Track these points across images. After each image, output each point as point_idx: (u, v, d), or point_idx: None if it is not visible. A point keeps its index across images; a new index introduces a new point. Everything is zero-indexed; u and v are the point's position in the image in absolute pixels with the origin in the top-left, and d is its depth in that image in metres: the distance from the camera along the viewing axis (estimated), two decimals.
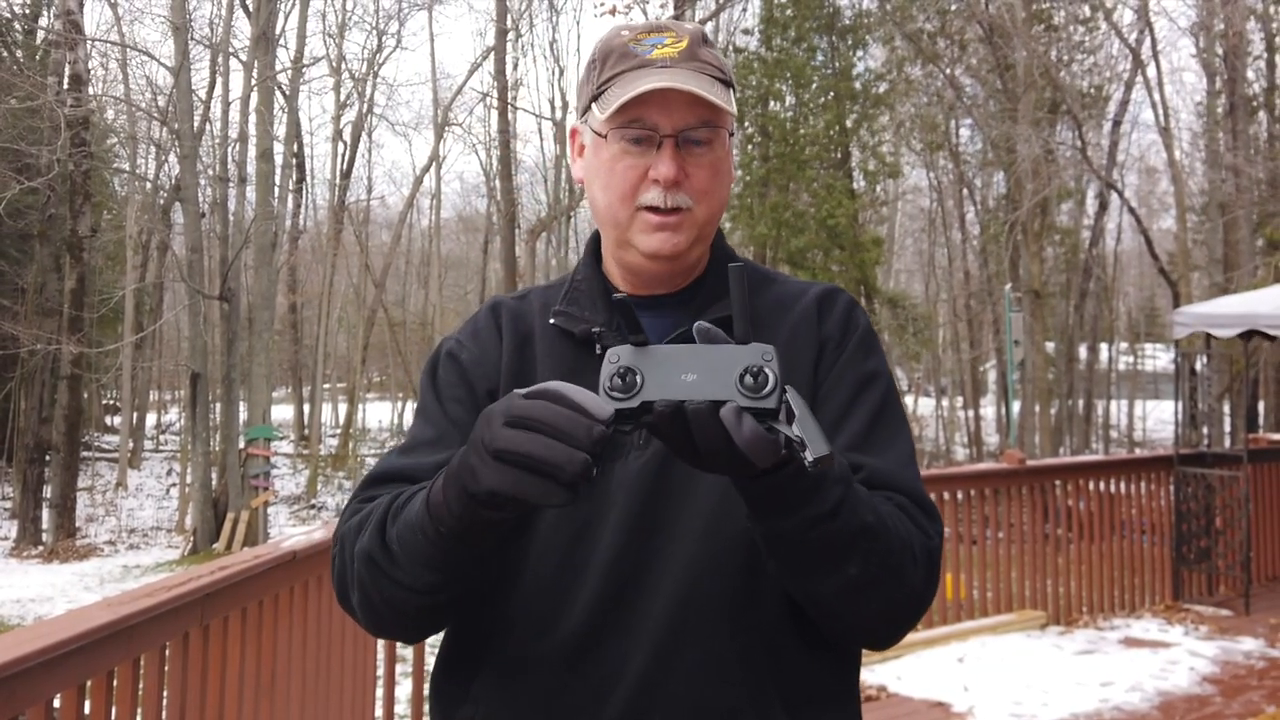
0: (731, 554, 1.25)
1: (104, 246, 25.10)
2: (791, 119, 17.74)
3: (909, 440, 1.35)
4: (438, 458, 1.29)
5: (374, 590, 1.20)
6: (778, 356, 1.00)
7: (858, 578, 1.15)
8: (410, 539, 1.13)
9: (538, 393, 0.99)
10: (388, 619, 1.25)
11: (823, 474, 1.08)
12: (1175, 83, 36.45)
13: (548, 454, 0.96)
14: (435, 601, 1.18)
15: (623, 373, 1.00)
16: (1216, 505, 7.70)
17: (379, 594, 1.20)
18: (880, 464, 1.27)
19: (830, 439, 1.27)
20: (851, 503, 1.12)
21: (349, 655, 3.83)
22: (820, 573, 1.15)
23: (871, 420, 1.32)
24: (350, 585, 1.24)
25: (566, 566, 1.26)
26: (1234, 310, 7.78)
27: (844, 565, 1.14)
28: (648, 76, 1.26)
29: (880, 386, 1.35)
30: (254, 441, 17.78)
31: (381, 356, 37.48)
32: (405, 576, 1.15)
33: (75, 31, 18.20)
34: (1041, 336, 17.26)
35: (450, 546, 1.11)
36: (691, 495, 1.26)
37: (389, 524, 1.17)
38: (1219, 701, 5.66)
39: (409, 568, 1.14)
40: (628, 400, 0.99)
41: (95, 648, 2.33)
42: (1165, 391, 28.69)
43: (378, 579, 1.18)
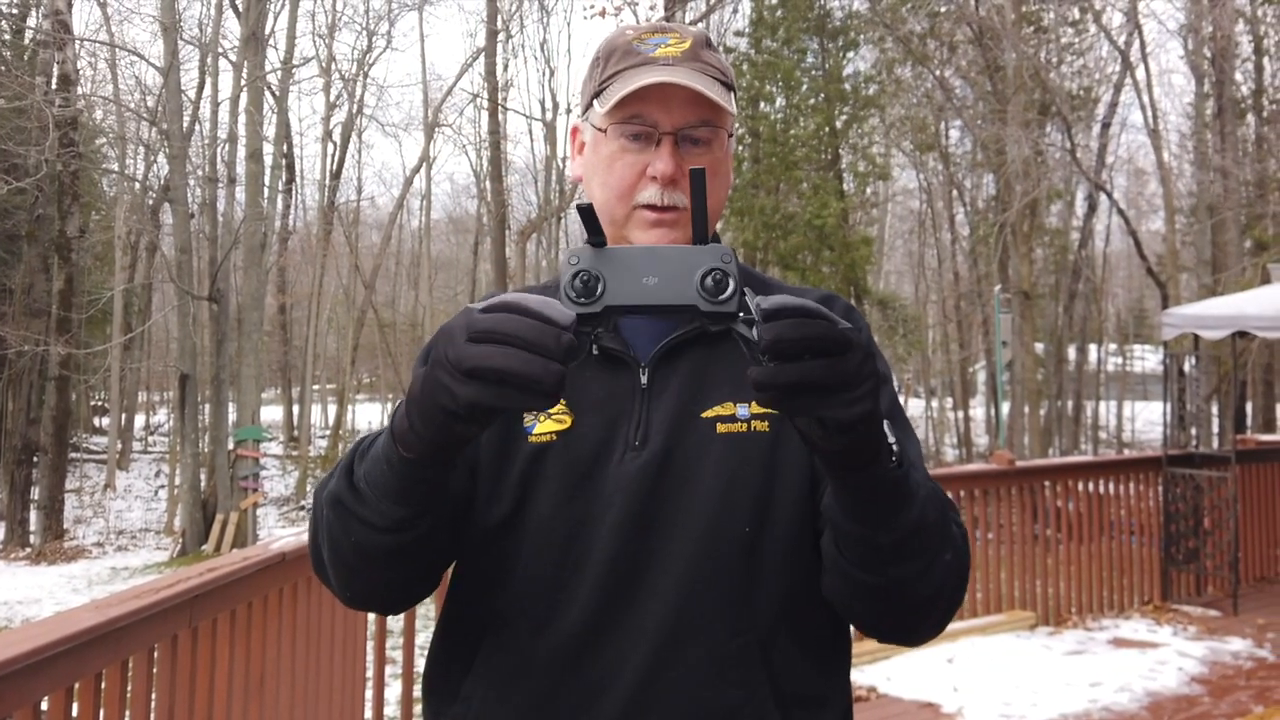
0: (729, 555, 1.24)
1: (92, 247, 25.03)
2: (782, 121, 17.76)
3: (918, 442, 1.35)
4: None
5: (341, 534, 1.17)
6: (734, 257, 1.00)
7: (953, 562, 1.18)
8: (375, 473, 1.11)
9: (498, 305, 0.96)
10: (357, 568, 1.21)
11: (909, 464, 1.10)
12: (1164, 85, 36.59)
13: (524, 368, 0.93)
14: (399, 541, 1.15)
15: (584, 276, 0.98)
16: (1205, 506, 7.72)
17: (346, 538, 1.17)
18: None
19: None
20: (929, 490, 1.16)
21: (338, 657, 3.82)
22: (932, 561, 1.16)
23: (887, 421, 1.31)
24: (322, 539, 1.22)
25: (563, 565, 1.26)
26: (1222, 312, 7.81)
27: (944, 550, 1.17)
28: (649, 73, 1.27)
29: (888, 390, 1.36)
30: (243, 443, 17.75)
31: (371, 357, 37.41)
32: (372, 514, 1.12)
33: (64, 31, 18.14)
34: (1031, 337, 17.30)
35: (414, 473, 1.08)
36: (689, 496, 1.26)
37: (356, 464, 1.15)
38: (1207, 702, 5.68)
39: (375, 504, 1.12)
40: (590, 305, 0.98)
41: (83, 650, 2.31)
42: (1154, 392, 28.82)
43: (346, 521, 1.15)
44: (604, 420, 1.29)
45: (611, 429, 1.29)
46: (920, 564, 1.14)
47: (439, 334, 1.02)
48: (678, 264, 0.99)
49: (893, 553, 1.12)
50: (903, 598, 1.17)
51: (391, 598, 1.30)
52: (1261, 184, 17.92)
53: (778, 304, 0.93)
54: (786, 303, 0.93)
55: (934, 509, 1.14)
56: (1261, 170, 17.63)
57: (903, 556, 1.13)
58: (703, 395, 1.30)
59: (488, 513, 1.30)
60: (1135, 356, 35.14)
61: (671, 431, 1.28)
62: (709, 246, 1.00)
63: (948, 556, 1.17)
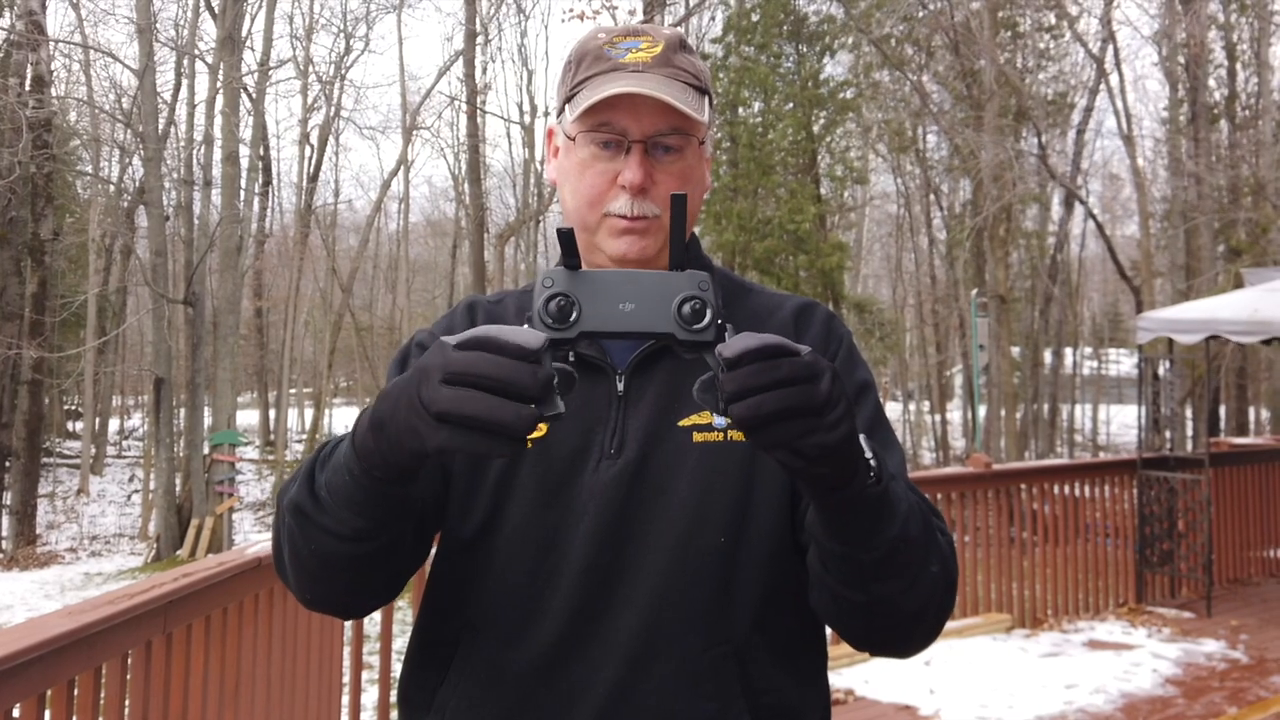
0: (704, 566, 1.24)
1: (66, 250, 24.82)
2: (759, 125, 17.80)
3: (901, 450, 1.35)
4: None
5: (302, 541, 1.16)
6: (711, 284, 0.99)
7: (938, 574, 1.17)
8: (337, 482, 1.09)
9: (471, 342, 0.94)
10: (317, 575, 1.20)
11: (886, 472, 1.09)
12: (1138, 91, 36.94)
13: (493, 414, 0.91)
14: (361, 551, 1.14)
15: (559, 300, 0.97)
16: (1179, 509, 7.78)
17: (306, 545, 1.15)
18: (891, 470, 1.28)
19: None
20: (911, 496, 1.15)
21: (314, 663, 3.80)
22: (918, 576, 1.15)
23: (869, 431, 1.31)
24: (283, 543, 1.21)
25: (536, 575, 1.25)
26: (1196, 316, 7.87)
27: (929, 562, 1.16)
28: (617, 80, 1.25)
29: (872, 397, 1.36)
30: (219, 447, 17.64)
31: (348, 361, 37.25)
32: (332, 522, 1.11)
33: (37, 32, 17.99)
34: (1007, 341, 17.40)
35: (376, 488, 1.07)
36: (664, 506, 1.25)
37: (318, 472, 1.13)
38: (1181, 703, 5.72)
39: (335, 512, 1.10)
40: (564, 331, 0.97)
41: (55, 657, 2.29)
42: (1129, 396, 29.01)
43: (306, 528, 1.14)
44: (579, 428, 1.28)
45: (587, 437, 1.28)
46: (905, 580, 1.14)
47: (415, 369, 0.99)
48: (655, 290, 0.98)
49: (876, 570, 1.11)
50: (890, 613, 1.17)
51: (352, 603, 1.29)
52: (1234, 189, 18.09)
53: (739, 350, 0.93)
54: (747, 346, 0.93)
55: (917, 523, 1.13)
56: (1234, 176, 17.78)
57: (886, 573, 1.12)
58: (679, 404, 1.29)
59: (461, 520, 1.30)
60: (1110, 360, 35.37)
61: (647, 440, 1.27)
62: (687, 273, 0.99)
63: (934, 569, 1.16)
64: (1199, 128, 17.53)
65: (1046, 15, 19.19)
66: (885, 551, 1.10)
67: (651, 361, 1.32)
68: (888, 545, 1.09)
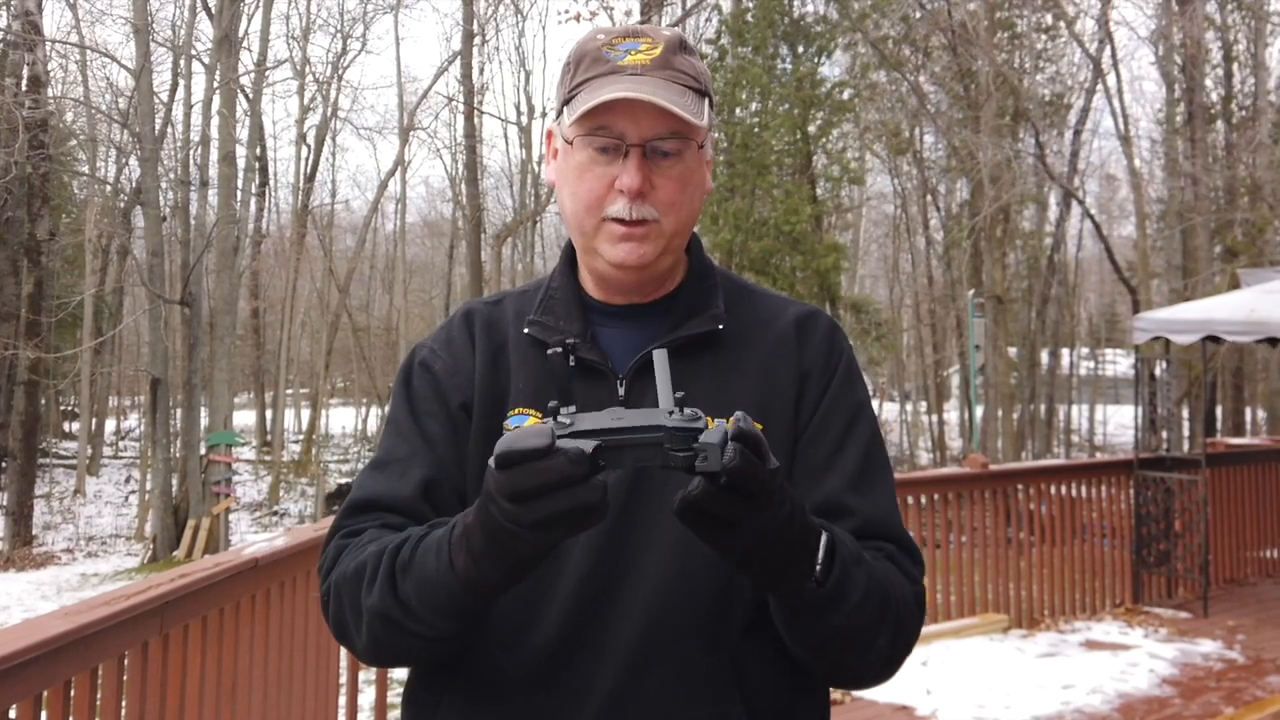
0: (701, 571, 1.24)
1: (63, 250, 24.80)
2: (755, 126, 17.79)
3: (891, 470, 1.38)
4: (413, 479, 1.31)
5: (390, 642, 1.22)
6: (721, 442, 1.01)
7: (884, 646, 1.21)
8: (433, 597, 1.14)
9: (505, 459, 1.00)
10: (402, 660, 1.29)
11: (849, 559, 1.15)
12: (1135, 91, 36.92)
13: (573, 503, 0.98)
14: (456, 642, 1.22)
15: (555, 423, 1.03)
16: (1175, 509, 7.79)
17: (395, 645, 1.22)
18: (872, 510, 1.30)
19: (824, 474, 1.30)
20: (873, 579, 1.18)
21: (311, 664, 3.80)
22: (860, 652, 1.21)
23: (865, 456, 1.33)
24: (354, 636, 1.25)
25: (537, 581, 1.25)
26: (1193, 316, 7.87)
27: (877, 640, 1.20)
28: (615, 84, 1.24)
29: (869, 417, 1.37)
30: (215, 448, 17.62)
31: (345, 362, 37.24)
32: (427, 630, 1.17)
33: (34, 33, 17.98)
34: (1004, 342, 17.41)
35: (482, 603, 1.15)
36: (662, 512, 1.24)
37: (399, 579, 1.17)
38: (1178, 703, 5.72)
39: (431, 620, 1.16)
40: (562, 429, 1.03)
41: (52, 658, 2.29)
42: (1125, 396, 29.06)
43: (394, 634, 1.19)
44: None
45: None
46: (845, 658, 1.22)
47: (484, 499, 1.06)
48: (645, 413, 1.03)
49: (816, 649, 1.20)
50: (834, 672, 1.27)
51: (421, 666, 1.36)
52: (1231, 190, 18.11)
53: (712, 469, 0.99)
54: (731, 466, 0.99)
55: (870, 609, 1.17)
56: (1231, 176, 17.80)
57: (828, 652, 1.21)
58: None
59: None
60: (1107, 360, 35.39)
61: None
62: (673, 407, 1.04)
63: (882, 643, 1.21)
64: (1195, 128, 17.55)
65: (1044, 16, 19.21)
66: (824, 638, 1.18)
67: (652, 366, 1.31)
68: (826, 633, 1.17)
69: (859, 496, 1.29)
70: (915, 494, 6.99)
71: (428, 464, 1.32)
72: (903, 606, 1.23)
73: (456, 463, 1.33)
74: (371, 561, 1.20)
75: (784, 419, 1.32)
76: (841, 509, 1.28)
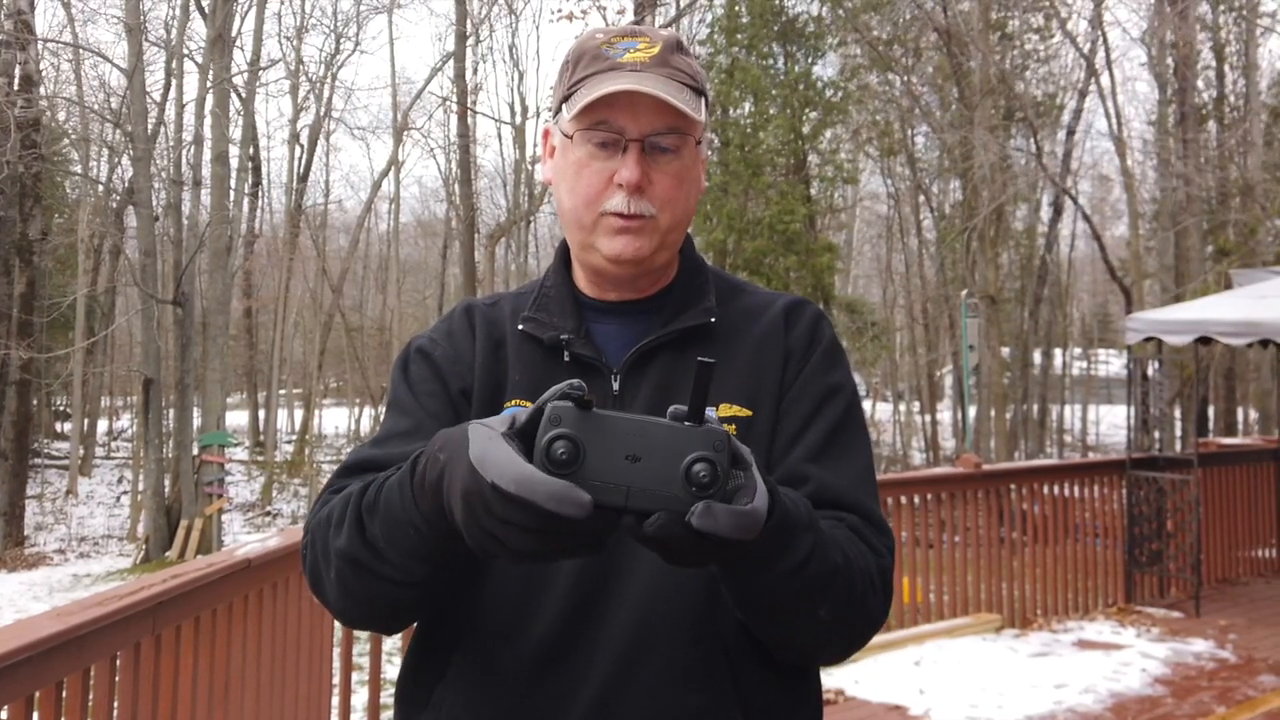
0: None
1: (55, 250, 24.71)
2: (749, 126, 17.81)
3: (867, 454, 1.36)
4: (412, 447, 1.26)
5: (360, 588, 1.18)
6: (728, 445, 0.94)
7: (828, 617, 1.17)
8: (401, 537, 1.10)
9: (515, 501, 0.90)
10: (371, 610, 1.23)
11: (793, 524, 1.08)
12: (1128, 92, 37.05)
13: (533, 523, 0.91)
14: (428, 590, 1.18)
15: (565, 445, 0.91)
16: (1168, 509, 7.81)
17: (366, 590, 1.18)
18: (831, 478, 1.28)
19: (788, 450, 1.28)
20: (821, 547, 1.13)
21: (304, 664, 3.79)
22: (794, 619, 1.17)
23: (830, 433, 1.32)
24: (326, 583, 1.22)
25: (532, 573, 1.26)
26: (1185, 317, 7.90)
27: (816, 609, 1.16)
28: (616, 79, 1.26)
29: (842, 400, 1.36)
30: (208, 448, 17.58)
31: (338, 362, 37.19)
32: (394, 571, 1.13)
33: (26, 31, 17.93)
34: (997, 342, 17.44)
35: (445, 543, 1.08)
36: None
37: (366, 521, 1.14)
38: (1170, 703, 5.73)
39: (399, 562, 1.12)
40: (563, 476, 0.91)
41: (43, 658, 2.28)
42: (1118, 396, 29.10)
43: (363, 575, 1.16)
44: None
45: None
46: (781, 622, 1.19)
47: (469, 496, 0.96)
48: (666, 445, 0.92)
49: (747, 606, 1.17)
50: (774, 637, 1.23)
51: (396, 625, 1.31)
52: (1223, 190, 18.16)
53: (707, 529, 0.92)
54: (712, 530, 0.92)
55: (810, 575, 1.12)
56: (1223, 177, 17.85)
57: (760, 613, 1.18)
58: (673, 401, 1.29)
59: None
60: (1100, 361, 35.49)
61: None
62: (705, 430, 0.93)
63: (821, 614, 1.16)
64: (1188, 129, 17.60)
65: (1036, 16, 19.25)
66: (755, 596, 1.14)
67: (646, 360, 1.33)
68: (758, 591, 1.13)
69: (816, 466, 1.29)
70: (908, 494, 7.00)
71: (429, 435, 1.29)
72: (856, 578, 1.18)
73: None
74: (340, 505, 1.19)
75: (769, 402, 1.33)
76: (798, 477, 1.27)
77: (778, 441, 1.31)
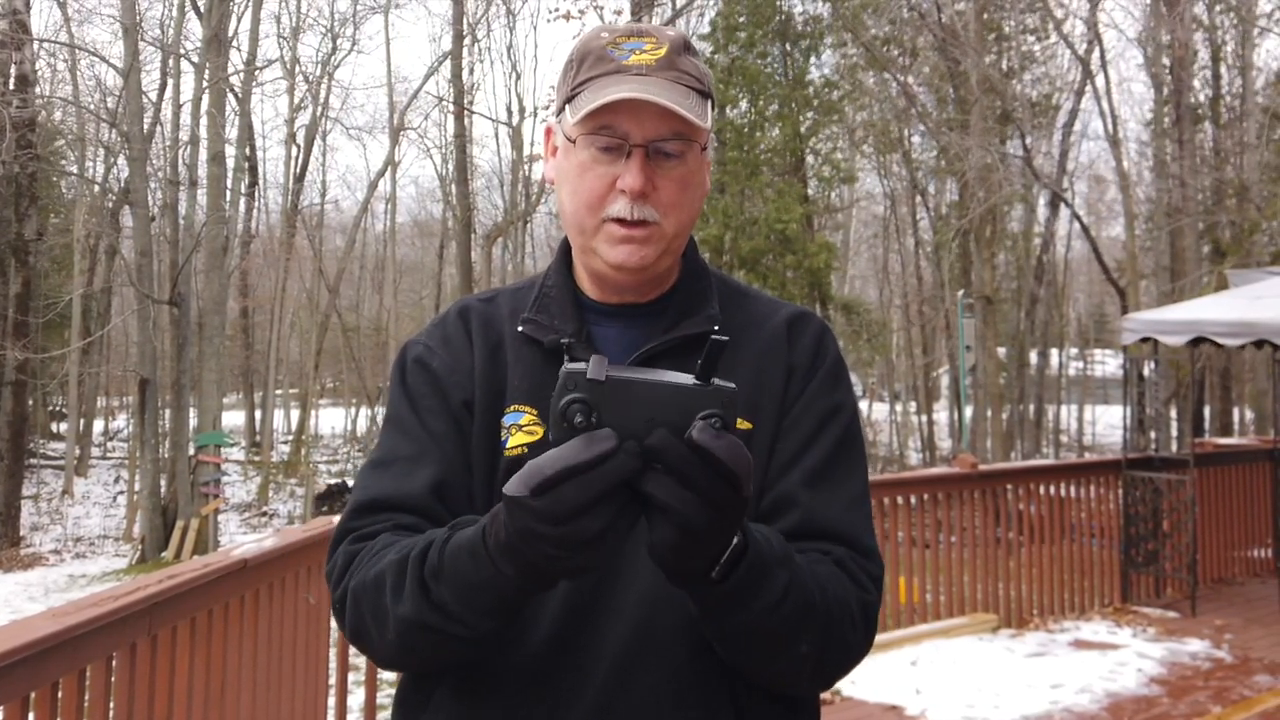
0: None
1: (50, 250, 24.70)
2: (746, 124, 17.81)
3: (863, 478, 1.35)
4: (423, 478, 1.29)
5: (426, 646, 1.18)
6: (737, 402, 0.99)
7: (808, 653, 1.17)
8: (475, 598, 1.11)
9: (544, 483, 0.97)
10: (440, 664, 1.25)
11: (766, 561, 1.10)
12: (1123, 93, 37.12)
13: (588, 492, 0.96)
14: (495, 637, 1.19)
15: (580, 409, 0.96)
16: (1164, 509, 7.81)
17: (434, 649, 1.18)
18: (823, 508, 1.28)
19: (785, 471, 1.27)
20: (798, 584, 1.13)
21: (300, 664, 3.79)
22: (773, 656, 1.17)
23: (830, 455, 1.31)
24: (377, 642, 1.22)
25: None
26: (1181, 317, 7.90)
27: (795, 646, 1.16)
28: (620, 83, 1.23)
29: (843, 420, 1.35)
30: (204, 448, 17.56)
31: (335, 362, 37.16)
32: (467, 631, 1.14)
33: (22, 31, 17.91)
34: (993, 342, 17.45)
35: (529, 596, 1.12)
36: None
37: (432, 586, 1.13)
38: (1166, 702, 5.74)
39: (473, 621, 1.13)
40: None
41: (39, 659, 2.28)
42: (1114, 396, 29.11)
43: (433, 638, 1.16)
44: None
45: None
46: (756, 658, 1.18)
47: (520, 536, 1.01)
48: (677, 404, 0.97)
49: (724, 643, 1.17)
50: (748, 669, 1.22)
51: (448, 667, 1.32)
52: (1218, 191, 18.18)
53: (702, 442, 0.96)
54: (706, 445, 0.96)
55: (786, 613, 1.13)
56: (1219, 177, 17.88)
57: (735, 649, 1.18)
58: None
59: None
60: (1096, 361, 35.51)
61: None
62: (713, 387, 0.98)
63: (803, 649, 1.17)
64: (1183, 129, 17.61)
65: (1031, 18, 19.27)
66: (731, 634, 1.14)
67: (648, 364, 1.30)
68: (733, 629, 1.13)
69: (810, 491, 1.28)
70: (905, 494, 7.01)
71: (437, 462, 1.30)
72: (837, 612, 1.19)
73: (463, 460, 1.31)
74: (394, 570, 1.17)
75: (771, 417, 1.32)
76: (789, 502, 1.27)
77: (776, 459, 1.30)
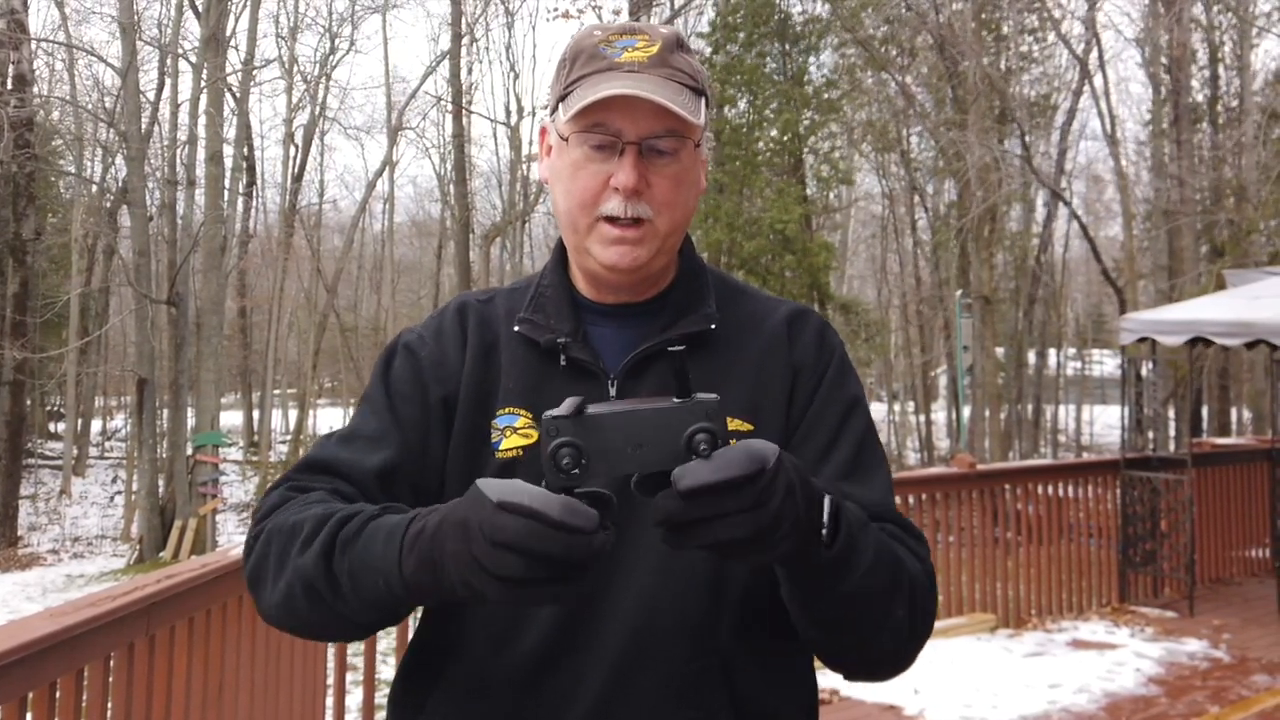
0: (690, 576, 1.23)
1: (48, 250, 24.66)
2: (745, 124, 17.81)
3: (887, 463, 1.36)
4: (377, 458, 1.28)
5: (305, 609, 1.15)
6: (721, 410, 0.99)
7: (903, 617, 1.17)
8: (367, 582, 1.08)
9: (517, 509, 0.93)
10: (310, 632, 1.24)
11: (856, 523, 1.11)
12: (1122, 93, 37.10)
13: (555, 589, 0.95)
14: (366, 631, 1.19)
15: (569, 452, 0.95)
16: (1162, 509, 7.82)
17: (310, 614, 1.16)
18: (866, 494, 1.28)
19: (817, 468, 1.27)
20: (881, 541, 1.15)
21: (298, 665, 3.79)
22: (879, 625, 1.17)
23: (858, 448, 1.32)
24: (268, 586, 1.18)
25: None
26: (1179, 317, 7.90)
27: (895, 609, 1.17)
28: (613, 81, 1.23)
29: (862, 412, 1.35)
30: (202, 448, 17.55)
31: (333, 362, 37.11)
32: (351, 611, 1.12)
33: (20, 31, 17.89)
34: (991, 342, 17.46)
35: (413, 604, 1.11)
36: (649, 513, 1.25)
37: (337, 554, 1.10)
38: (1164, 702, 5.74)
39: (357, 606, 1.11)
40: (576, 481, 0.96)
41: (37, 659, 2.28)
42: (1112, 396, 29.13)
43: (315, 604, 1.13)
44: None
45: None
46: (864, 630, 1.17)
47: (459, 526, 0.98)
48: (663, 426, 0.97)
49: (833, 622, 1.16)
50: (854, 651, 1.21)
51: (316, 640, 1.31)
52: (1216, 191, 18.19)
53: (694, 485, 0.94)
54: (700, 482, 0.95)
55: (883, 574, 1.14)
56: (1217, 177, 17.88)
57: (844, 625, 1.16)
58: None
59: None
60: (1094, 361, 35.50)
61: None
62: (695, 401, 0.98)
63: (900, 613, 1.17)
64: (1181, 129, 17.61)
65: (1029, 17, 19.27)
66: (841, 607, 1.13)
67: (643, 366, 1.30)
68: (842, 602, 1.12)
69: (848, 483, 1.28)
70: (903, 494, 7.00)
71: (395, 446, 1.29)
72: (916, 578, 1.20)
73: (421, 452, 1.31)
74: (313, 523, 1.14)
75: (775, 417, 1.31)
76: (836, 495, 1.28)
77: (804, 459, 1.28)
